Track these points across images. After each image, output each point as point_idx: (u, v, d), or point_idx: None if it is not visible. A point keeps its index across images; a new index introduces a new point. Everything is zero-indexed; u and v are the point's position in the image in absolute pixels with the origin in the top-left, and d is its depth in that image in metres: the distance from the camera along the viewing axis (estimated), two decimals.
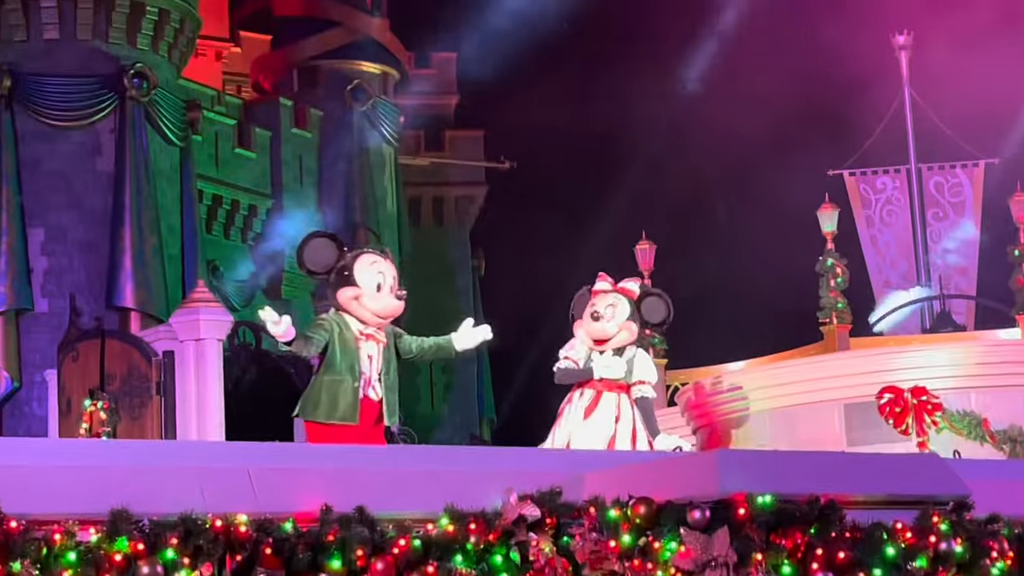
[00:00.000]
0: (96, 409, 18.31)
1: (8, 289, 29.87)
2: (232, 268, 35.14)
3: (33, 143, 30.70)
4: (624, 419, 11.83)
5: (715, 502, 6.55)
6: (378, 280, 10.10)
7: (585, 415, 11.86)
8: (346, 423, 9.78)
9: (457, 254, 43.26)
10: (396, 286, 10.19)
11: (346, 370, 9.87)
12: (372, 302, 10.03)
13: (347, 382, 9.85)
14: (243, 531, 6.24)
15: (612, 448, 11.62)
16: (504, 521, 6.74)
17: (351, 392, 9.84)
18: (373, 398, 9.96)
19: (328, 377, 9.88)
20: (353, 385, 9.86)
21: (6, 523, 5.87)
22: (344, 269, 10.11)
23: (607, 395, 11.86)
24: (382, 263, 10.28)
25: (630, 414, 11.87)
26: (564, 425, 11.94)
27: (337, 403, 9.80)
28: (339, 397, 9.82)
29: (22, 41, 31.05)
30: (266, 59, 39.51)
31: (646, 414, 11.98)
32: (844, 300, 19.69)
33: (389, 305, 10.11)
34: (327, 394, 9.84)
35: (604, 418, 11.82)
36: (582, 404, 11.90)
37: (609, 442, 11.71)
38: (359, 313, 10.05)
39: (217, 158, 35.02)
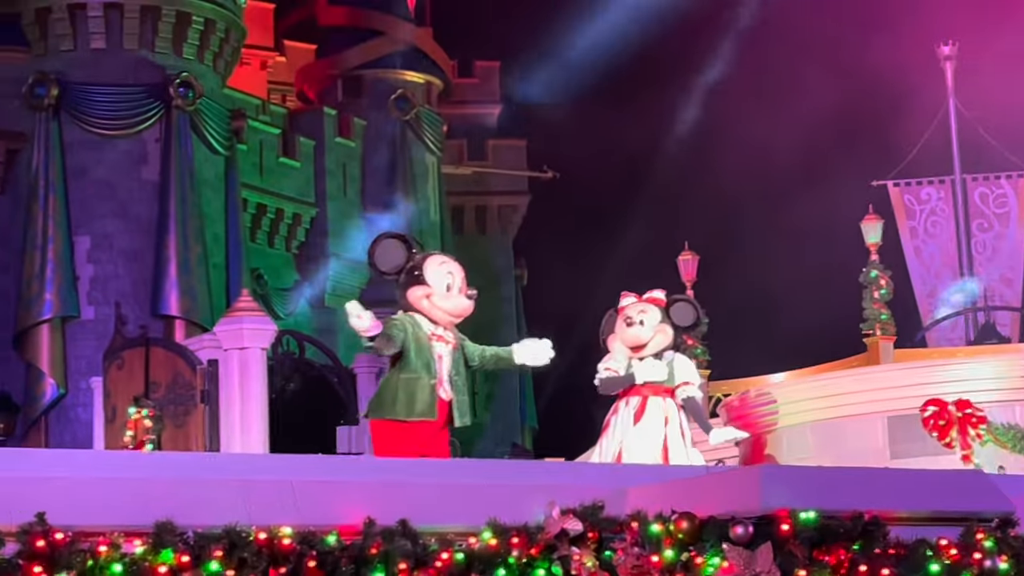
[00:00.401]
0: (141, 417, 18.40)
1: (55, 296, 30.09)
2: (276, 277, 35.29)
3: (80, 152, 30.92)
4: (672, 423, 11.92)
5: (758, 518, 6.53)
6: (448, 280, 10.13)
7: (635, 421, 11.92)
8: (424, 419, 9.80)
9: (500, 263, 43.29)
10: (465, 287, 10.22)
11: (422, 368, 9.90)
12: (443, 301, 10.07)
13: (424, 379, 9.88)
14: (287, 544, 6.26)
15: (665, 452, 11.69)
16: (546, 535, 6.74)
17: (428, 389, 9.87)
18: (444, 398, 9.99)
19: (404, 375, 9.88)
20: (430, 383, 9.89)
21: (52, 534, 5.91)
22: (414, 269, 10.14)
23: (653, 400, 11.93)
24: (451, 264, 10.32)
25: (677, 417, 11.97)
26: (613, 434, 11.98)
27: (415, 400, 9.80)
28: (416, 394, 9.83)
29: (69, 51, 31.30)
30: (310, 68, 39.67)
31: (696, 412, 12.10)
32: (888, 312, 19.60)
33: (459, 305, 10.14)
34: (404, 392, 9.83)
35: (654, 423, 11.89)
36: (630, 411, 11.96)
37: (662, 447, 11.78)
38: (430, 312, 10.07)
39: (261, 167, 35.17)
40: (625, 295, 12.51)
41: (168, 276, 30.61)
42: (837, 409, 15.61)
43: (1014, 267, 24.48)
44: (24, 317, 30.15)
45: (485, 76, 44.17)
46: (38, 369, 30.01)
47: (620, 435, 11.91)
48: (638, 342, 12.05)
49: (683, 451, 11.90)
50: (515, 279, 43.46)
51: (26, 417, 30.01)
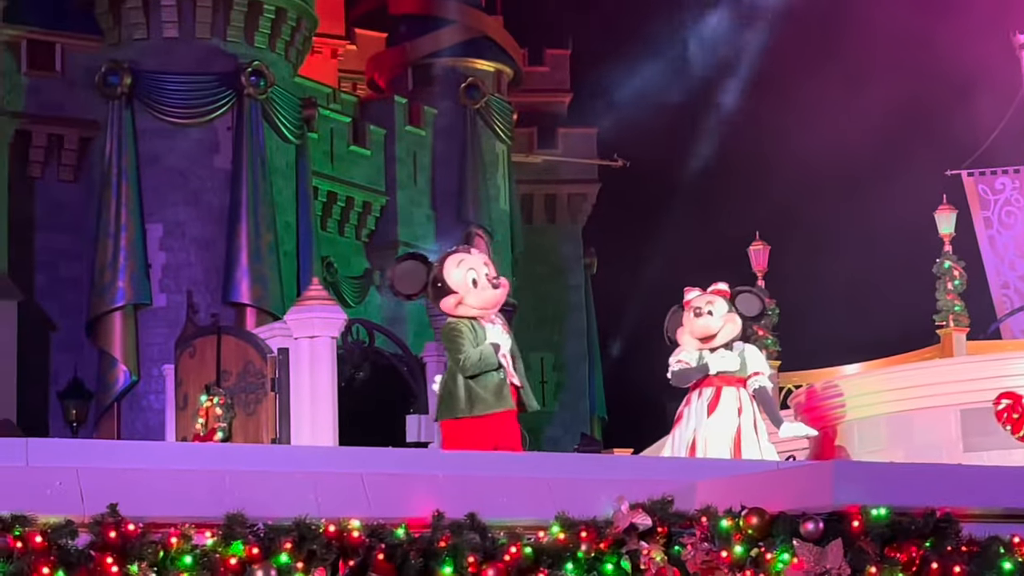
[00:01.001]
0: (212, 405, 18.51)
1: (127, 284, 30.34)
2: (347, 265, 35.42)
3: (152, 140, 31.15)
4: (746, 412, 11.99)
5: (829, 514, 6.49)
6: (471, 276, 10.12)
7: (709, 412, 11.95)
8: (506, 409, 9.85)
9: (569, 252, 43.25)
10: (493, 273, 10.21)
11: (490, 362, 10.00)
12: (472, 299, 10.08)
13: (492, 374, 9.93)
14: (356, 536, 6.28)
15: (738, 443, 11.72)
16: (615, 529, 6.73)
17: (498, 382, 9.92)
18: (515, 384, 10.05)
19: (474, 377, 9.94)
20: (499, 376, 9.93)
21: (124, 526, 5.96)
22: (436, 281, 10.16)
23: (727, 390, 11.99)
24: (470, 258, 10.28)
25: (751, 407, 12.04)
26: (687, 425, 12.02)
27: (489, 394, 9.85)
28: (490, 388, 9.88)
29: (142, 39, 31.52)
30: (381, 57, 39.75)
31: (766, 403, 12.14)
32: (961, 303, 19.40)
33: (489, 297, 10.12)
34: (481, 388, 9.88)
35: (728, 413, 11.95)
36: (703, 402, 12.01)
37: (735, 437, 11.80)
38: (468, 315, 10.10)
39: (332, 155, 35.30)
40: (689, 290, 12.52)
41: (239, 264, 30.78)
42: (910, 401, 15.49)
43: None
44: (97, 304, 30.41)
45: (555, 64, 44.09)
46: (111, 356, 30.28)
47: (694, 426, 11.95)
48: (708, 332, 12.07)
49: (756, 442, 11.93)
50: (584, 268, 43.39)
51: (98, 404, 30.29)
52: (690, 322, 12.18)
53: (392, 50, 39.58)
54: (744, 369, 12.06)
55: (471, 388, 9.88)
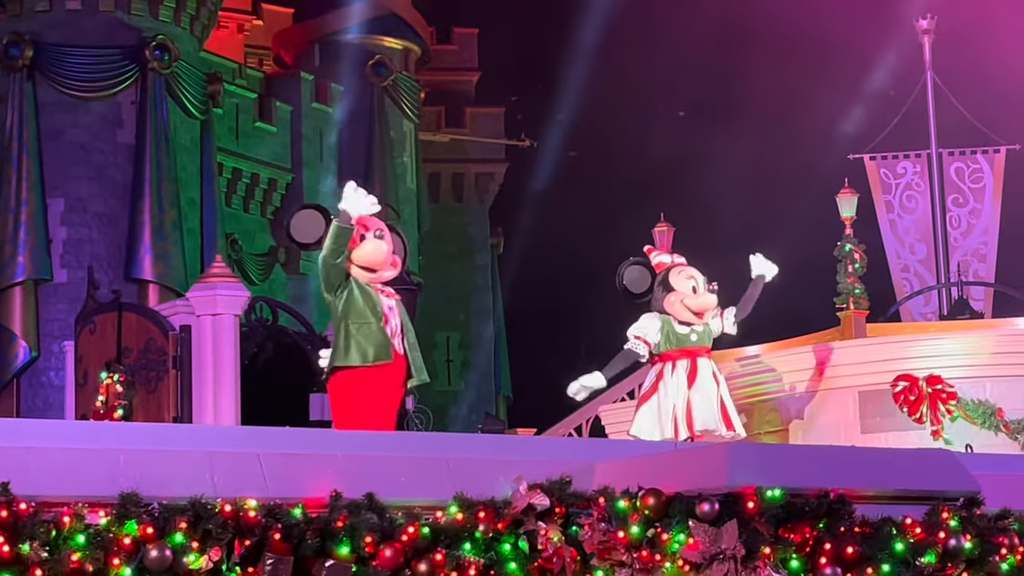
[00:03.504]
0: (112, 382, 18.33)
1: (27, 259, 29.94)
2: (251, 242, 35.19)
3: (54, 114, 30.73)
4: (721, 382, 12.26)
5: (724, 495, 6.55)
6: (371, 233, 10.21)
7: (689, 384, 12.09)
8: (382, 363, 9.80)
9: (476, 231, 43.26)
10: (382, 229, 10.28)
11: (370, 313, 9.92)
12: (359, 254, 10.11)
13: (373, 323, 9.90)
14: (252, 516, 6.25)
15: (724, 411, 11.95)
16: (513, 510, 6.75)
17: (380, 333, 9.88)
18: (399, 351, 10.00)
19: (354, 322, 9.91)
20: (379, 325, 9.90)
21: (16, 505, 5.89)
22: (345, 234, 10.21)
23: (701, 361, 12.16)
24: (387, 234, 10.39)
25: (721, 377, 12.37)
26: (666, 397, 12.09)
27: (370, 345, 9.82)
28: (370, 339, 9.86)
29: (44, 11, 31.07)
30: (288, 33, 39.48)
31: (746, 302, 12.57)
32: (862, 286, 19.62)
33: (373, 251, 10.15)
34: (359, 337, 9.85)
35: (708, 382, 12.15)
36: (682, 373, 12.13)
37: (720, 406, 12.04)
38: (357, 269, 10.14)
39: (238, 131, 35.03)
40: (653, 250, 12.69)
41: (142, 240, 30.47)
42: (809, 383, 15.66)
43: (988, 242, 24.52)
44: None
45: (463, 43, 44.03)
46: (10, 332, 29.88)
47: (674, 399, 12.05)
48: (707, 307, 12.29)
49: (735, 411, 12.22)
50: (491, 247, 43.43)
51: None
52: (689, 294, 12.30)
53: (299, 26, 39.31)
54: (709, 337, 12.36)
55: (352, 337, 9.86)
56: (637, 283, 12.21)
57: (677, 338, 12.21)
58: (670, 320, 12.32)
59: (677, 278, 12.41)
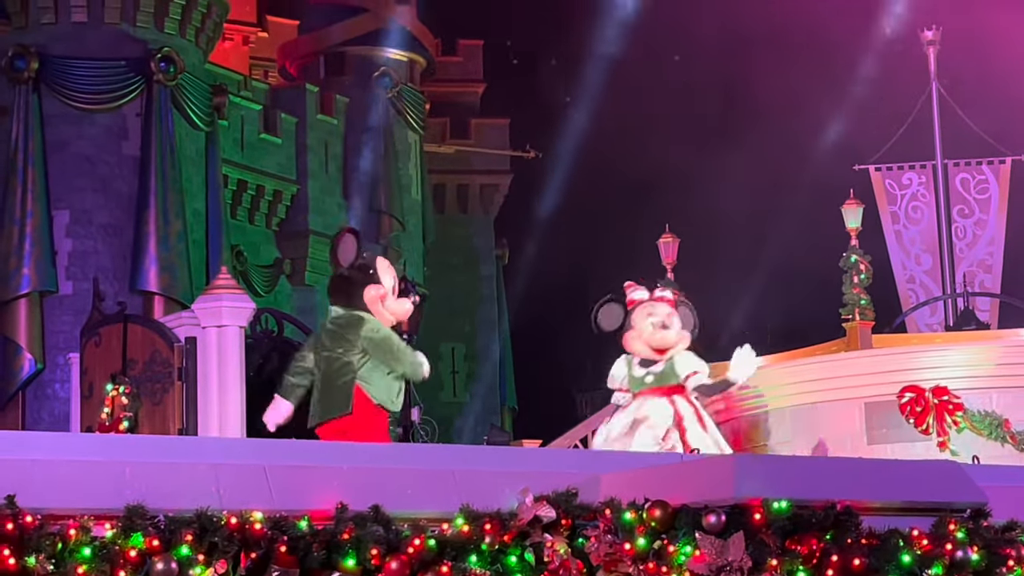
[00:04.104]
0: (118, 394, 18.30)
1: (32, 271, 29.96)
2: (256, 254, 35.20)
3: (60, 126, 30.77)
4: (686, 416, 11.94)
5: (731, 507, 6.53)
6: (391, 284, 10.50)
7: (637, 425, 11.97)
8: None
9: (481, 242, 43.27)
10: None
11: None
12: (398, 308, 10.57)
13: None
14: (258, 529, 6.24)
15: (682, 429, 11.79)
16: (519, 522, 6.73)
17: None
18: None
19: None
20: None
21: (21, 517, 5.88)
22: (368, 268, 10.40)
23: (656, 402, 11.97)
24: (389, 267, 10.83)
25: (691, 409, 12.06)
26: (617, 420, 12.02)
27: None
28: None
29: (50, 24, 31.12)
30: (293, 45, 39.53)
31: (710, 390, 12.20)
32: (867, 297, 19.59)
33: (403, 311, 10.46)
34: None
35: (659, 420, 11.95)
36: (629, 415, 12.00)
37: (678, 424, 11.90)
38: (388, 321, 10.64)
39: (243, 143, 35.06)
40: (632, 286, 12.48)
41: (147, 252, 30.49)
42: (815, 395, 15.64)
43: (994, 253, 24.50)
44: (1, 291, 30.02)
45: (468, 55, 44.07)
46: (15, 344, 29.90)
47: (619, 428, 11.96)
48: (666, 345, 12.08)
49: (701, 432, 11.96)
50: (496, 259, 43.43)
51: (2, 392, 29.89)
52: (649, 332, 12.14)
53: (304, 38, 39.37)
54: (673, 376, 12.11)
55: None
56: (609, 321, 12.10)
57: (633, 380, 12.10)
58: (632, 360, 12.21)
59: (638, 315, 12.26)
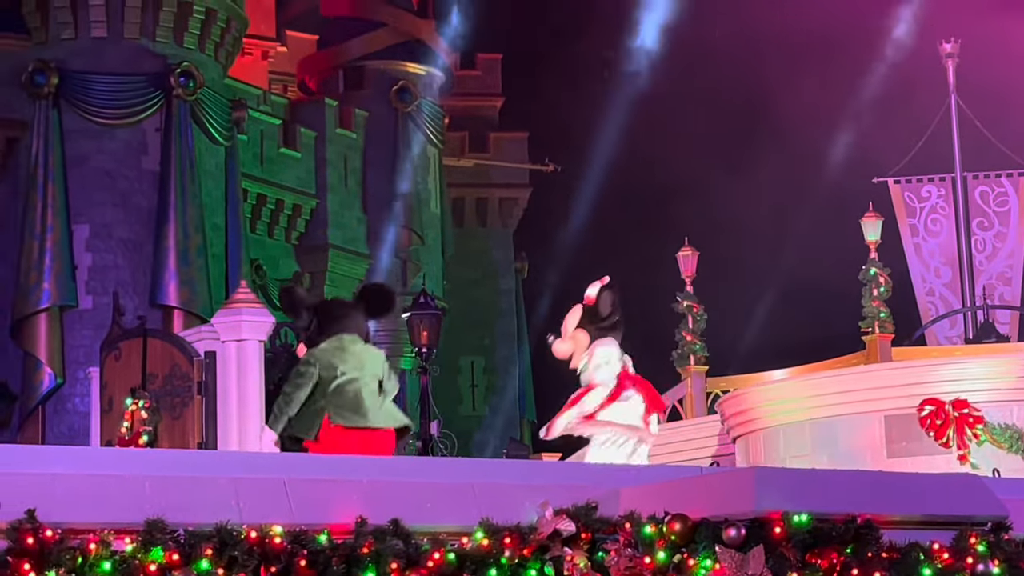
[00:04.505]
0: (137, 408, 18.33)
1: (52, 285, 30.04)
2: (276, 268, 35.25)
3: (80, 140, 30.87)
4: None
5: (751, 520, 6.51)
6: None
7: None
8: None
9: (500, 256, 43.27)
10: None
11: None
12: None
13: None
14: (278, 543, 6.23)
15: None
16: (539, 535, 6.72)
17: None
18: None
19: None
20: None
21: (42, 531, 5.89)
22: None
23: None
24: None
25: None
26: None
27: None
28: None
29: (70, 39, 31.23)
30: (312, 59, 39.61)
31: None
32: (887, 309, 19.57)
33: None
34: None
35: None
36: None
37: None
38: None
39: (262, 157, 35.13)
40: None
41: (167, 266, 30.55)
42: (835, 407, 15.61)
43: (1013, 265, 24.45)
44: (22, 306, 30.10)
45: (487, 68, 44.11)
46: (35, 358, 29.98)
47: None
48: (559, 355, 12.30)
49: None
50: (515, 272, 43.43)
51: (23, 407, 29.97)
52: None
53: (323, 52, 39.44)
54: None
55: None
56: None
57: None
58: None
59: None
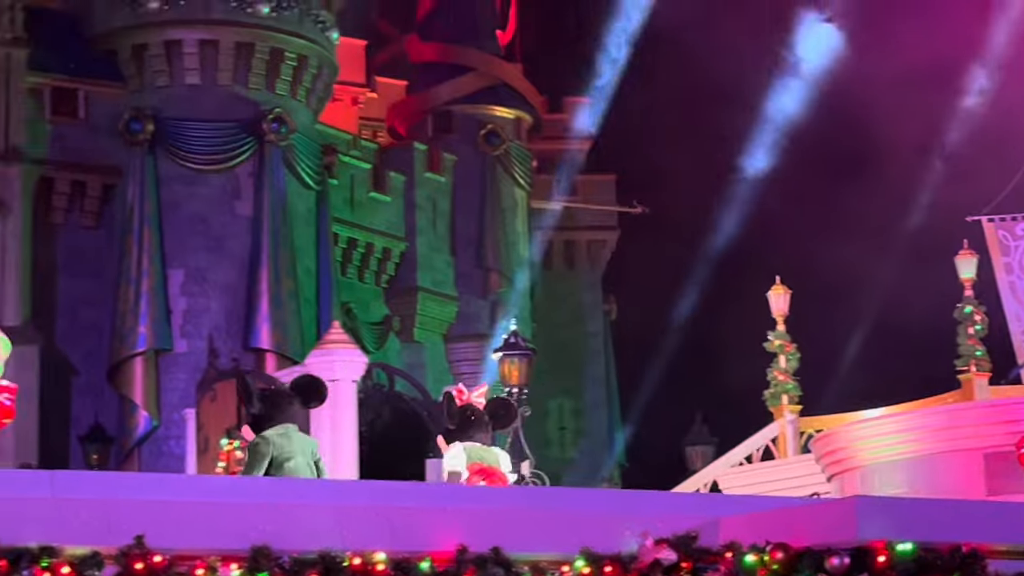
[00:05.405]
0: (233, 448, 18.50)
1: (148, 330, 30.41)
2: (366, 311, 35.46)
3: (174, 186, 31.29)
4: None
5: (854, 549, 6.47)
6: None
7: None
8: None
9: (588, 298, 43.22)
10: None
11: None
12: None
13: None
14: (380, 570, 6.28)
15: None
16: (640, 564, 6.71)
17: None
18: None
19: None
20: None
21: (150, 557, 5.97)
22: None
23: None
24: None
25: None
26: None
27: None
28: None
29: (165, 86, 31.70)
30: (401, 104, 39.92)
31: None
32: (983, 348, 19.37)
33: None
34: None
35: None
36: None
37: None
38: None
39: (352, 202, 35.41)
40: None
41: (260, 310, 30.85)
42: (932, 445, 15.46)
43: None
44: (118, 350, 30.50)
45: (575, 111, 44.20)
46: (131, 402, 30.33)
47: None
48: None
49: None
50: (604, 314, 43.36)
51: (119, 449, 30.32)
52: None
53: (412, 97, 39.74)
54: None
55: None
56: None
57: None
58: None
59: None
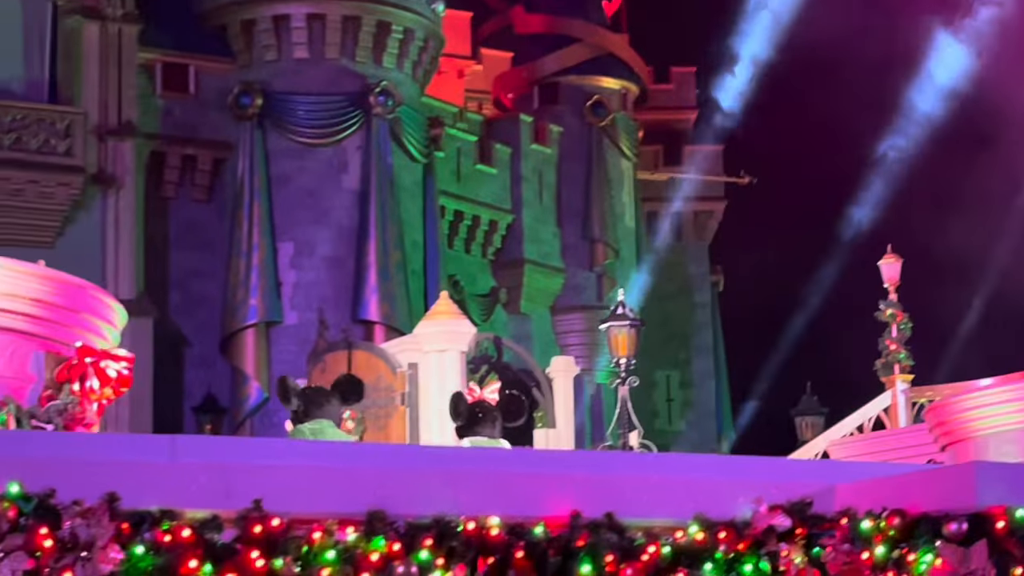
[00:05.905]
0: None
1: (259, 302, 30.75)
2: (473, 283, 35.58)
3: (283, 160, 31.56)
4: None
5: (972, 515, 6.39)
6: None
7: None
8: None
9: (695, 269, 43.07)
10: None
11: None
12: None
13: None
14: (495, 534, 6.30)
15: None
16: (754, 530, 6.68)
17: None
18: None
19: None
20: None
21: (268, 521, 6.04)
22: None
23: None
24: None
25: None
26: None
27: None
28: None
29: (273, 61, 31.96)
30: (507, 76, 39.95)
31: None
32: None
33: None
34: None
35: None
36: None
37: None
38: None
39: (459, 174, 35.52)
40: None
41: (368, 282, 31.06)
42: None
43: None
44: (230, 322, 30.87)
45: (681, 82, 44.00)
46: (243, 373, 30.70)
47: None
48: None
49: None
50: (711, 285, 43.18)
51: (231, 420, 30.72)
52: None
53: (518, 69, 39.76)
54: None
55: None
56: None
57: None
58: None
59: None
